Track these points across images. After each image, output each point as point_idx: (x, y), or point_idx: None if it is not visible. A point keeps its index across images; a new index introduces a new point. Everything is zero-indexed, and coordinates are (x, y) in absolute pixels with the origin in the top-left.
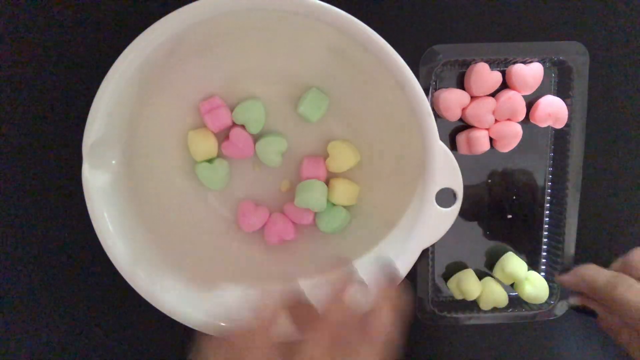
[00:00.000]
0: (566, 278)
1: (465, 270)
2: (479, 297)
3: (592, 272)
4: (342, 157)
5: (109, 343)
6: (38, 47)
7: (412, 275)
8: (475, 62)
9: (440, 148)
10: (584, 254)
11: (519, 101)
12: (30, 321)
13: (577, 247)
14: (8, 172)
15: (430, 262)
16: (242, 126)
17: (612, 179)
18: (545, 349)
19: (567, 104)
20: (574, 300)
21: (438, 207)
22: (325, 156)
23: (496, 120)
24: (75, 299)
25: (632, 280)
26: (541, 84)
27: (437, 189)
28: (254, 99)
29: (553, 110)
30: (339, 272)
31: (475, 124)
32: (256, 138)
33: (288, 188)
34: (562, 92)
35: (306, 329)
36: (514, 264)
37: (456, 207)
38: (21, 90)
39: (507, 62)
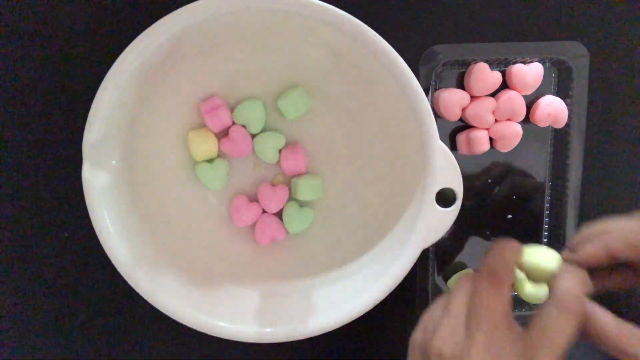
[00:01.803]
0: (592, 250)
1: (465, 270)
2: None
3: (626, 229)
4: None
5: (109, 343)
6: (38, 47)
7: (412, 275)
8: (475, 62)
9: (440, 148)
10: None
11: (519, 101)
12: (30, 321)
13: None
14: (8, 172)
15: (430, 262)
16: (243, 126)
17: (612, 179)
18: None
19: (567, 104)
20: None
21: (438, 207)
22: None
23: (496, 120)
24: (76, 299)
25: None
26: (541, 84)
27: (437, 189)
28: (254, 99)
29: (553, 110)
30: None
31: (475, 124)
32: (254, 135)
33: (281, 182)
34: (562, 92)
35: None
36: None
37: (456, 207)
38: (21, 90)
39: (507, 62)
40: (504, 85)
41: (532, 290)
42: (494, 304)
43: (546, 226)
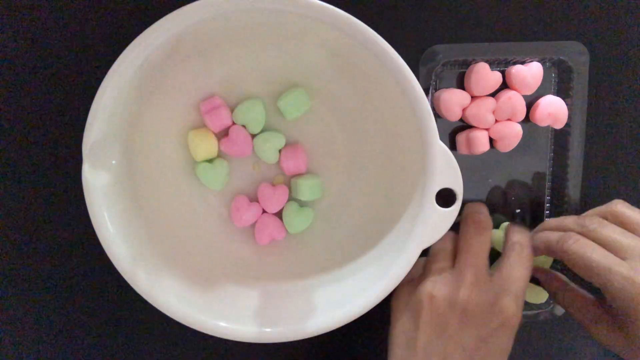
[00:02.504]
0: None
1: None
2: None
3: (546, 234)
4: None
5: (109, 343)
6: (38, 47)
7: None
8: (475, 62)
9: (440, 148)
10: None
11: (519, 101)
12: (30, 321)
13: None
14: (8, 172)
15: None
16: (243, 126)
17: (612, 179)
18: (545, 349)
19: (567, 104)
20: None
21: (438, 207)
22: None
23: (496, 120)
24: (76, 298)
25: (578, 236)
26: (541, 84)
27: (437, 189)
28: (254, 99)
29: (553, 110)
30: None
31: (475, 124)
32: (254, 135)
33: (281, 182)
34: (562, 92)
35: None
36: None
37: (456, 207)
38: (21, 90)
39: (507, 62)
40: (504, 85)
41: (533, 291)
42: (479, 246)
43: None
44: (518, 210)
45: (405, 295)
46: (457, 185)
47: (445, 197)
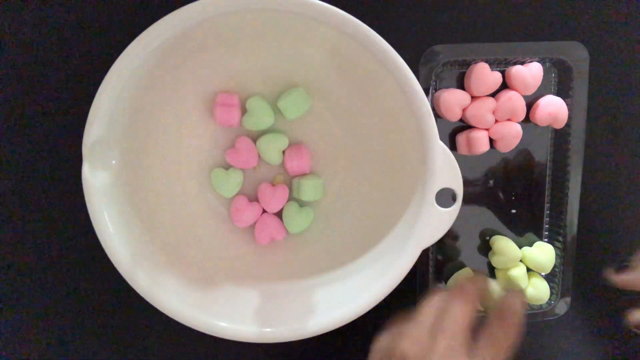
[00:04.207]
0: (628, 277)
1: (462, 270)
2: None
3: None
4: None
5: (109, 343)
6: (38, 47)
7: (412, 275)
8: (475, 62)
9: (440, 148)
10: (585, 255)
11: (519, 101)
12: (31, 321)
13: (578, 248)
14: (8, 172)
15: (430, 262)
16: (247, 135)
17: (612, 179)
18: (545, 349)
19: (567, 104)
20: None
21: (438, 207)
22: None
23: (496, 121)
24: (76, 299)
25: None
26: (541, 84)
27: (437, 189)
28: (261, 99)
29: (553, 110)
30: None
31: (476, 124)
32: (257, 136)
33: (280, 182)
34: (562, 92)
35: None
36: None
37: (456, 207)
38: (21, 90)
39: (507, 62)
40: (504, 86)
41: (533, 292)
42: (461, 316)
43: (547, 226)
44: (514, 211)
45: (385, 347)
46: (457, 185)
47: (445, 197)
